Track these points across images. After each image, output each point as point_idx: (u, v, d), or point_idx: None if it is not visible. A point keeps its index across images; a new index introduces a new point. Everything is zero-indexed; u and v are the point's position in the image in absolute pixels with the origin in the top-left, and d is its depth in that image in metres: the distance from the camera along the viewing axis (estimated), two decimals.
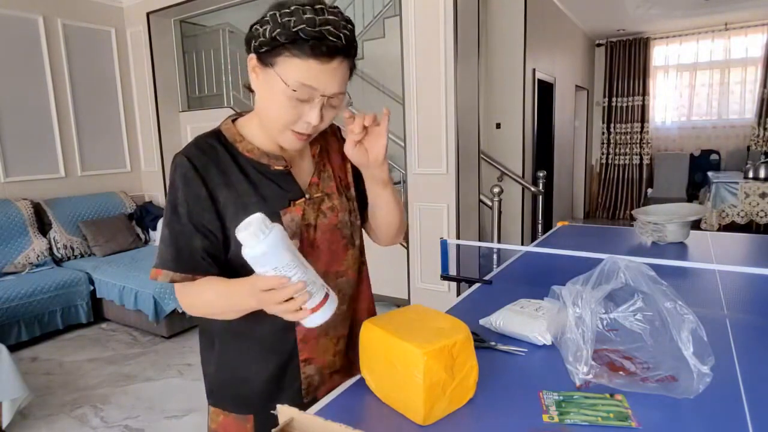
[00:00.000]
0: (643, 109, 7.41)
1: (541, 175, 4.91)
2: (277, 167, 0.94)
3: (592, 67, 7.61)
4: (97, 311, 3.85)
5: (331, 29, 0.79)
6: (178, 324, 3.54)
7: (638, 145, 7.55)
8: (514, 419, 0.87)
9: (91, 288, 3.78)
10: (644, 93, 7.39)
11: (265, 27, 0.81)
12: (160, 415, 2.54)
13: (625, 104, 7.54)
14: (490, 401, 0.93)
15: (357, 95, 4.81)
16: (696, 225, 5.02)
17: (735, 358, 1.07)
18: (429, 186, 3.41)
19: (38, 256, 3.96)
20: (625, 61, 7.46)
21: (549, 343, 1.13)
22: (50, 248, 4.07)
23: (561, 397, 0.92)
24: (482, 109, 4.03)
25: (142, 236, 4.66)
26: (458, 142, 3.28)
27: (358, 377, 1.03)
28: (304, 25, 0.77)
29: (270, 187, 0.93)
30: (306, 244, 0.95)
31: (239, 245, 0.81)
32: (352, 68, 0.87)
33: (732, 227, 5.45)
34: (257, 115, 0.93)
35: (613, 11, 6.05)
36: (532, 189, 4.74)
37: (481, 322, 1.26)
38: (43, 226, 4.14)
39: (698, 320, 0.90)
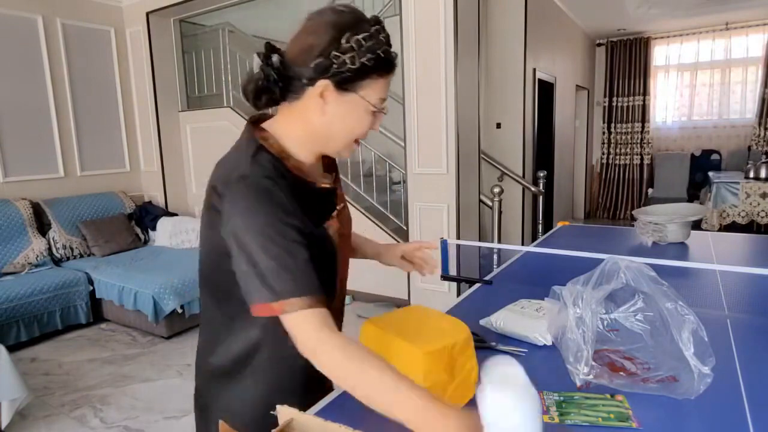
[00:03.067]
0: (644, 108, 7.40)
1: (541, 175, 4.91)
2: (324, 184, 0.92)
3: (592, 67, 7.61)
4: (97, 311, 3.85)
5: (390, 41, 0.84)
6: (177, 324, 3.53)
7: (639, 145, 7.54)
8: None
9: (91, 288, 3.78)
10: (645, 93, 7.38)
11: (349, 54, 0.79)
12: (160, 415, 2.53)
13: (625, 104, 7.53)
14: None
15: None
16: (697, 225, 5.01)
17: (736, 358, 1.07)
18: (429, 186, 3.41)
19: (37, 256, 3.95)
20: (626, 61, 7.44)
21: (549, 343, 1.12)
22: (49, 248, 4.06)
23: (561, 398, 0.92)
24: (482, 109, 4.02)
25: (142, 236, 4.66)
26: (458, 142, 3.27)
27: None
28: (384, 46, 0.82)
29: (311, 202, 0.88)
30: (341, 254, 0.96)
31: None
32: None
33: (733, 227, 5.44)
34: (299, 132, 0.88)
35: (613, 11, 6.04)
36: (533, 189, 4.74)
37: (482, 322, 1.25)
38: (43, 226, 4.13)
39: (699, 320, 0.89)
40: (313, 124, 0.86)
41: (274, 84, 0.83)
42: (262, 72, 0.82)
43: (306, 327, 0.76)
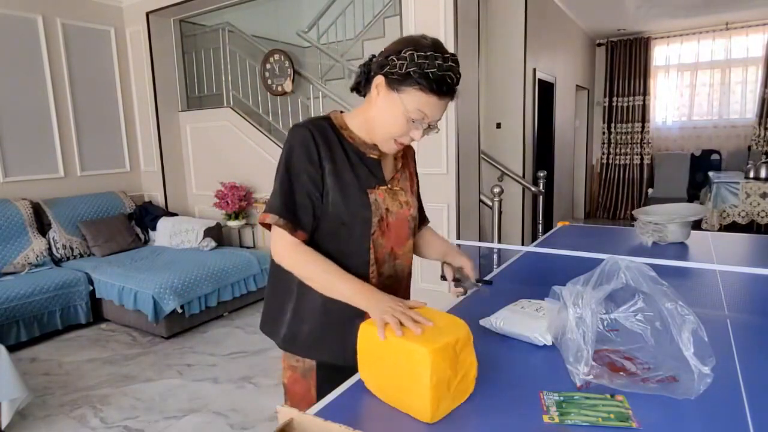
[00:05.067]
0: (644, 108, 7.40)
1: (541, 175, 4.91)
2: (372, 155, 1.14)
3: (592, 67, 7.61)
4: (97, 311, 3.85)
5: (452, 74, 1.02)
6: (177, 324, 3.53)
7: (639, 145, 7.54)
8: (514, 419, 0.87)
9: (91, 288, 3.77)
10: (645, 93, 7.37)
11: (402, 62, 1.01)
12: (160, 415, 2.53)
13: (625, 104, 7.53)
14: (491, 402, 0.92)
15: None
16: (697, 225, 5.00)
17: (736, 358, 1.07)
18: (429, 186, 3.40)
19: (37, 256, 3.95)
20: (626, 61, 7.44)
21: (549, 343, 1.12)
22: (49, 248, 4.06)
23: (561, 398, 0.92)
24: (482, 109, 4.02)
25: (142, 236, 4.66)
26: (458, 142, 3.27)
27: (357, 378, 1.03)
28: (435, 70, 0.99)
29: (363, 169, 1.13)
30: (384, 224, 1.14)
31: (332, 209, 1.08)
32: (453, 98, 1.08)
33: (733, 227, 5.44)
34: (362, 116, 1.13)
35: (613, 11, 6.04)
36: (533, 189, 4.74)
37: (481, 322, 1.25)
38: (43, 226, 4.13)
39: (699, 321, 0.89)
40: (368, 112, 1.10)
41: (363, 76, 1.12)
42: (361, 68, 1.12)
43: (281, 241, 1.08)
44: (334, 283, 1.05)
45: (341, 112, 1.18)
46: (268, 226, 1.09)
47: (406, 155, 1.27)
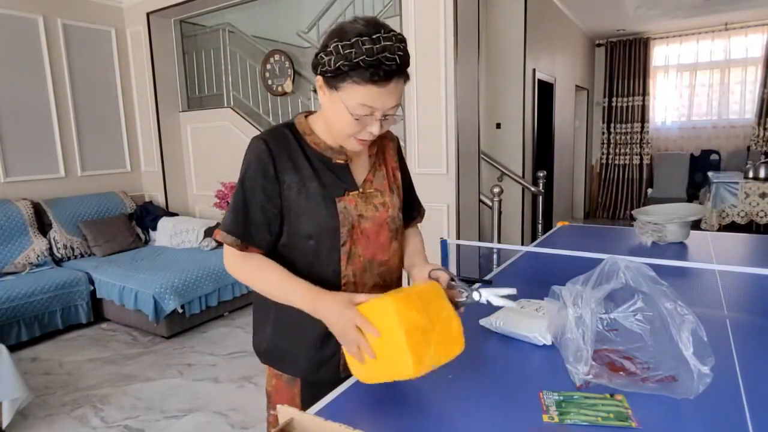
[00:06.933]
0: (644, 109, 7.40)
1: (541, 175, 4.91)
2: (338, 160, 1.06)
3: (592, 67, 7.61)
4: (97, 311, 3.85)
5: (387, 55, 0.89)
6: (178, 324, 3.54)
7: (638, 145, 7.54)
8: (514, 419, 0.87)
9: (91, 288, 3.78)
10: (644, 93, 7.38)
11: (329, 57, 0.92)
12: (160, 415, 2.53)
13: (625, 104, 7.53)
14: (491, 401, 0.93)
15: None
16: (696, 225, 5.01)
17: (735, 358, 1.07)
18: (429, 186, 3.41)
19: (38, 256, 3.96)
20: (626, 61, 7.45)
21: (549, 343, 1.13)
22: (50, 248, 4.07)
23: (561, 397, 0.92)
24: (482, 109, 4.03)
25: (142, 236, 4.66)
26: (458, 142, 3.28)
27: (357, 378, 1.03)
28: (365, 56, 0.88)
29: (329, 176, 1.05)
30: (357, 232, 1.06)
31: (296, 223, 1.03)
32: (407, 79, 0.97)
33: (732, 227, 5.45)
34: (322, 118, 1.05)
35: (613, 11, 6.04)
36: (532, 189, 4.74)
37: (481, 322, 1.26)
38: (43, 226, 4.14)
39: (698, 320, 0.90)
40: (324, 114, 1.04)
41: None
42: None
43: (229, 256, 1.05)
44: (284, 292, 1.01)
45: (306, 115, 1.10)
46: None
47: (382, 152, 1.17)
